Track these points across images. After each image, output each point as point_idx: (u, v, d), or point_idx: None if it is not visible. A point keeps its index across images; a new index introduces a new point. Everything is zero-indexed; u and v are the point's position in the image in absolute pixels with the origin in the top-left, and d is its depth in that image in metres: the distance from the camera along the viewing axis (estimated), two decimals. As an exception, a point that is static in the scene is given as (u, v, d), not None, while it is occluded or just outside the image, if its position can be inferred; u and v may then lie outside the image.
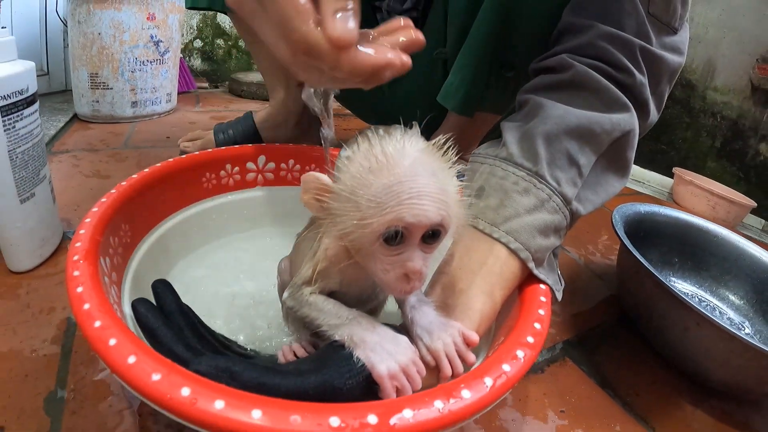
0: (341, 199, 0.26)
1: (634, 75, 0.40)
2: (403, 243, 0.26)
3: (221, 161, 0.49)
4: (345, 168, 0.26)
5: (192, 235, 0.48)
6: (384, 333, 0.28)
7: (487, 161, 0.40)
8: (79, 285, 0.28)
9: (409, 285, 0.27)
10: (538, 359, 0.49)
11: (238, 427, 0.20)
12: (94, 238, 0.33)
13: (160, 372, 0.22)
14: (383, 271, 0.27)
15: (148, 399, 0.21)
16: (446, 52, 0.58)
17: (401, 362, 0.27)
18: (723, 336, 0.43)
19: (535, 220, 0.36)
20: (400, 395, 0.26)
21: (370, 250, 0.26)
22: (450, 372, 0.28)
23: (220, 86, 1.46)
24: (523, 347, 0.28)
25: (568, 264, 0.71)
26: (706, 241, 0.65)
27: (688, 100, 1.15)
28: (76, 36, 0.94)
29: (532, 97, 0.41)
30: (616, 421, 0.43)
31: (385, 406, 0.22)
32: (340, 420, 0.21)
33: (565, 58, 0.41)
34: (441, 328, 0.30)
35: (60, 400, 0.36)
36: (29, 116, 0.47)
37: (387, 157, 0.25)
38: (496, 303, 0.34)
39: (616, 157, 0.42)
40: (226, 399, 0.20)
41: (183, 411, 0.20)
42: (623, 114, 0.40)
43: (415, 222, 0.25)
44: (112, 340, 0.24)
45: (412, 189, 0.24)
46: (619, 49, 0.40)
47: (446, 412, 0.23)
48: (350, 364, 0.26)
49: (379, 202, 0.24)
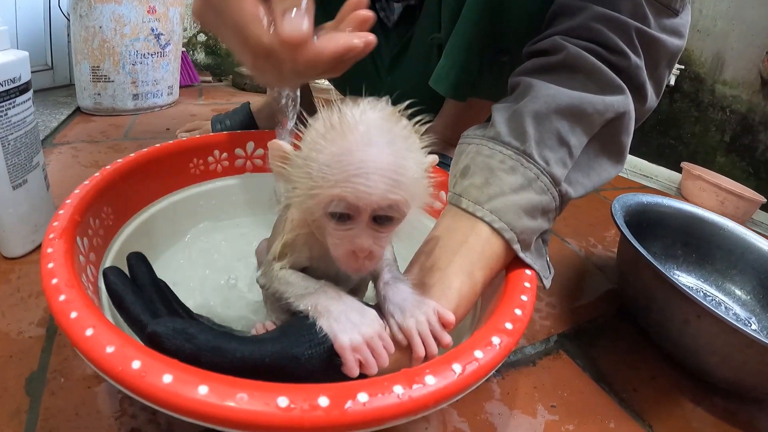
0: (297, 166, 0.25)
1: (629, 57, 0.38)
2: (351, 220, 0.24)
3: (209, 147, 0.49)
4: (305, 134, 0.25)
5: (179, 221, 0.47)
6: (350, 303, 0.27)
7: (474, 141, 0.38)
8: (51, 261, 0.28)
9: (358, 263, 0.25)
10: (530, 351, 0.48)
11: (183, 402, 0.19)
12: (72, 218, 0.33)
13: (114, 344, 0.21)
14: (334, 246, 0.26)
15: (101, 371, 0.21)
16: (440, 38, 0.57)
17: (365, 334, 0.25)
18: (725, 329, 0.41)
19: (521, 200, 0.34)
20: (364, 371, 0.24)
21: (321, 221, 0.25)
22: (423, 353, 0.27)
23: (224, 80, 1.46)
24: (500, 333, 0.27)
25: (568, 256, 0.69)
26: (712, 233, 0.63)
27: (697, 93, 1.12)
28: (78, 30, 0.95)
29: (523, 78, 0.40)
30: (611, 417, 0.41)
31: (338, 388, 0.21)
32: (288, 400, 0.19)
33: (558, 40, 0.39)
34: (415, 306, 0.28)
35: (41, 380, 0.36)
36: (22, 104, 0.48)
37: (342, 122, 0.23)
38: (476, 284, 0.33)
39: (610, 140, 0.40)
40: (175, 373, 0.20)
41: (131, 384, 0.19)
42: (617, 96, 0.38)
43: (357, 204, 0.23)
44: (74, 313, 0.23)
45: (361, 163, 0.22)
46: (614, 30, 0.38)
47: (406, 399, 0.21)
48: (311, 333, 0.25)
49: (326, 173, 0.23)
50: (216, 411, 0.19)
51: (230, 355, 0.23)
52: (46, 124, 0.90)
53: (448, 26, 0.54)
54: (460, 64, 0.53)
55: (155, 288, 0.31)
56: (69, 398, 0.35)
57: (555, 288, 0.59)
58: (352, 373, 0.24)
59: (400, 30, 0.69)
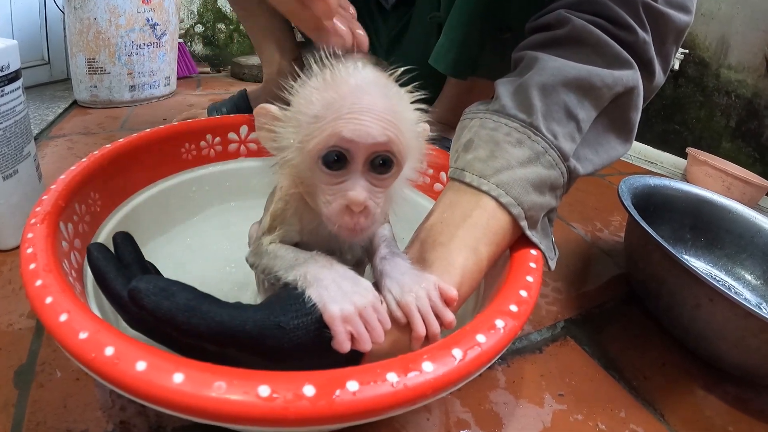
0: (286, 121, 0.24)
1: (636, 32, 0.37)
2: (345, 168, 0.23)
3: (201, 131, 0.48)
4: (294, 93, 0.24)
5: (171, 207, 0.46)
6: (343, 272, 0.25)
7: (477, 115, 0.37)
8: (30, 246, 0.27)
9: (353, 220, 0.23)
10: (537, 338, 0.46)
11: (155, 391, 0.17)
12: (56, 203, 0.32)
13: (88, 330, 0.20)
14: (325, 203, 0.24)
15: (74, 358, 0.19)
16: (440, 16, 0.56)
17: (358, 304, 0.23)
18: (738, 313, 0.40)
19: (529, 174, 0.32)
20: (356, 347, 0.22)
21: (312, 179, 0.24)
22: (423, 331, 0.25)
23: (223, 71, 1.45)
24: (504, 316, 0.25)
25: (574, 241, 0.67)
26: (721, 216, 0.61)
27: (702, 78, 1.10)
28: (73, 22, 0.94)
29: (527, 52, 0.38)
30: (621, 406, 0.40)
31: (325, 376, 0.19)
32: (270, 389, 0.18)
33: (563, 14, 0.38)
34: (414, 281, 0.26)
35: (30, 373, 0.35)
36: (11, 93, 0.48)
37: (335, 76, 0.23)
38: (481, 260, 0.30)
39: (619, 116, 0.38)
40: (150, 360, 0.18)
41: (103, 371, 0.18)
42: (626, 70, 0.37)
43: (353, 138, 0.22)
44: (49, 298, 0.22)
45: (354, 104, 0.22)
46: (620, 4, 0.36)
47: (401, 388, 0.19)
48: (299, 302, 0.23)
49: (318, 120, 0.22)
50: (191, 401, 0.17)
51: (208, 318, 0.21)
52: (42, 118, 0.89)
53: (448, 3, 0.52)
54: (459, 40, 0.51)
55: (141, 267, 0.29)
56: (57, 391, 0.34)
57: (561, 273, 0.58)
58: (342, 347, 0.22)
59: (399, 11, 0.67)
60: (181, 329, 0.21)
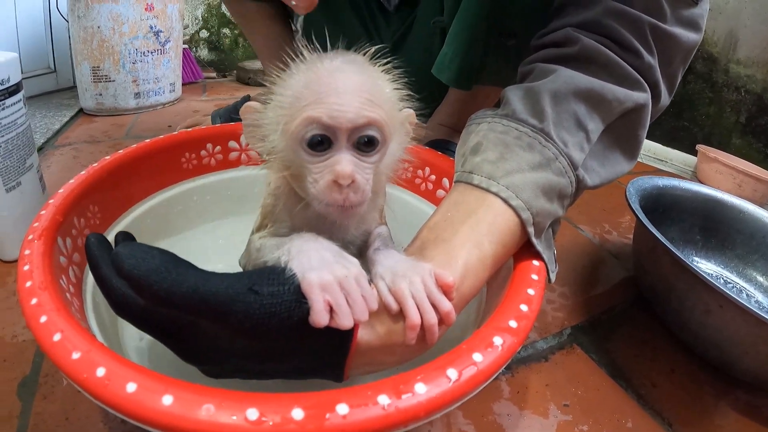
0: (268, 110, 0.25)
1: (642, 56, 0.36)
2: (330, 148, 0.23)
3: (201, 140, 0.47)
4: (276, 79, 0.25)
5: (172, 217, 0.46)
6: (328, 245, 0.24)
7: (486, 120, 0.36)
8: (27, 263, 0.27)
9: (342, 195, 0.23)
10: (542, 346, 0.45)
11: (145, 413, 0.17)
12: (54, 218, 0.32)
13: (80, 350, 0.20)
14: (313, 183, 0.24)
15: (67, 377, 0.19)
16: (443, 21, 0.55)
17: (338, 274, 0.22)
18: (749, 320, 0.39)
19: (539, 179, 0.32)
20: (336, 322, 0.21)
21: (299, 162, 0.24)
22: (418, 319, 0.23)
23: (228, 75, 1.45)
24: (503, 333, 0.24)
25: (581, 243, 0.66)
26: (732, 217, 0.60)
27: (710, 74, 1.08)
28: (77, 31, 0.95)
29: (538, 65, 0.38)
30: (628, 416, 0.39)
31: (314, 398, 0.19)
32: (259, 413, 0.17)
33: (571, 32, 0.37)
34: (408, 268, 0.25)
35: (33, 384, 0.36)
36: (12, 106, 0.48)
37: (313, 59, 0.24)
38: (486, 256, 0.29)
39: (627, 133, 0.38)
40: (140, 382, 0.18)
41: (95, 392, 0.18)
42: (636, 91, 0.36)
43: (332, 123, 0.22)
44: (43, 317, 0.22)
45: (329, 85, 0.22)
46: (627, 27, 0.36)
47: (392, 411, 0.19)
48: (278, 272, 0.22)
49: (298, 99, 0.23)
50: (180, 423, 0.17)
51: (181, 280, 0.20)
52: (48, 127, 0.90)
53: (452, 8, 0.51)
54: (463, 51, 0.50)
55: None
56: (60, 403, 0.34)
57: (568, 277, 0.57)
58: (319, 319, 0.21)
59: (401, 14, 0.66)
60: (155, 294, 0.20)
